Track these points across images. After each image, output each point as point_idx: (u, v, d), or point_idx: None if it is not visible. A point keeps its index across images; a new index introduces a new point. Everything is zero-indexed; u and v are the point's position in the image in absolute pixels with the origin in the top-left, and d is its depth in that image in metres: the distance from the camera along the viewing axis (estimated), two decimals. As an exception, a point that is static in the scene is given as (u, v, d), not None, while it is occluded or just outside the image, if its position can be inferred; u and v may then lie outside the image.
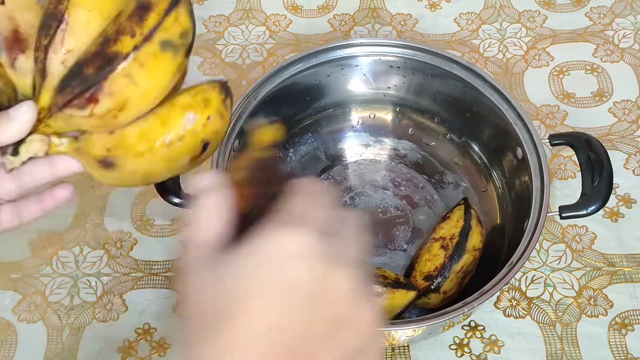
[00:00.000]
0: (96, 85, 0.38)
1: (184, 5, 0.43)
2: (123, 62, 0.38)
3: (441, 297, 0.63)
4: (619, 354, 0.65)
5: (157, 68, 0.40)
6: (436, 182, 0.74)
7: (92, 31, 0.40)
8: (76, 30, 0.40)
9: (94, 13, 0.40)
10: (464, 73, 0.68)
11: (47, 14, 0.40)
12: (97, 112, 0.39)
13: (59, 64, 0.40)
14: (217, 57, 0.87)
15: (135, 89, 0.39)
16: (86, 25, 0.40)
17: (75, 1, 0.40)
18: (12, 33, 0.41)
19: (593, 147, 0.62)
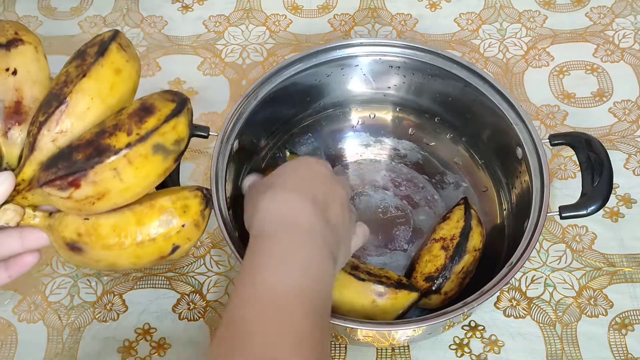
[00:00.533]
0: (81, 172, 0.39)
1: (185, 114, 0.43)
2: (113, 156, 0.39)
3: (442, 298, 0.63)
4: (619, 354, 0.65)
5: (144, 168, 0.41)
6: (436, 182, 0.74)
7: (90, 118, 0.41)
8: (74, 114, 0.41)
9: (96, 102, 0.41)
10: (464, 73, 0.68)
11: (52, 93, 0.41)
12: (76, 196, 0.40)
13: (50, 141, 0.41)
14: (217, 57, 0.87)
15: (118, 183, 0.40)
16: (85, 111, 0.41)
17: (80, 87, 0.41)
18: (15, 104, 0.42)
19: (593, 147, 0.62)
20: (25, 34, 0.44)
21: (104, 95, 0.42)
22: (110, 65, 0.42)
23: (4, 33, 0.43)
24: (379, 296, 0.59)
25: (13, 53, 0.42)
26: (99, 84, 0.41)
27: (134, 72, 0.44)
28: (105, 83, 0.42)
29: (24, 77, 0.42)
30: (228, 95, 0.84)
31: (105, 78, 0.42)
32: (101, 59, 0.42)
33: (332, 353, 0.65)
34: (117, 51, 0.43)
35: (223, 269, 0.71)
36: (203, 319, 0.68)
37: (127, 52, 0.43)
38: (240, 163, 0.69)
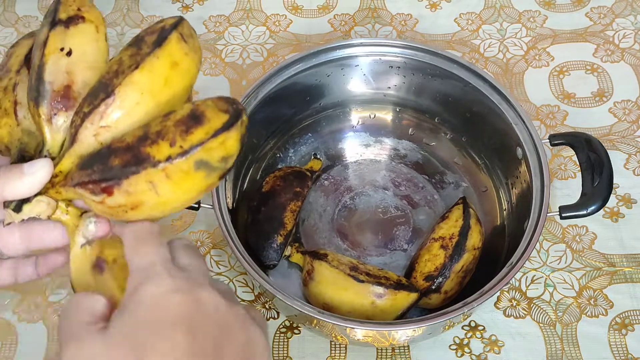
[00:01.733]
0: (115, 180, 0.36)
1: (236, 129, 0.38)
2: (151, 168, 0.36)
3: (442, 297, 0.63)
4: (619, 354, 0.65)
5: (184, 184, 0.37)
6: (436, 182, 0.74)
7: (138, 115, 0.38)
8: (121, 109, 0.38)
9: (146, 97, 0.38)
10: (464, 73, 0.69)
11: (101, 82, 0.39)
12: (109, 203, 0.37)
13: (91, 135, 0.38)
14: (217, 57, 0.87)
15: (153, 197, 0.37)
16: (134, 107, 0.38)
17: (131, 80, 0.38)
18: (65, 88, 0.39)
19: (593, 147, 0.62)
20: (89, 11, 0.41)
21: (156, 90, 0.38)
22: (167, 58, 0.38)
23: (66, 8, 0.40)
24: (378, 297, 0.59)
25: (72, 31, 0.39)
26: (152, 77, 0.38)
27: (193, 66, 0.40)
28: (159, 77, 0.38)
29: (78, 59, 0.39)
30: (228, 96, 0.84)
31: (160, 72, 0.38)
32: (158, 50, 0.38)
33: (332, 353, 0.65)
34: (176, 42, 0.39)
35: (223, 269, 0.71)
36: (203, 319, 0.68)
37: (189, 43, 0.39)
38: (240, 163, 0.70)
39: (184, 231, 0.74)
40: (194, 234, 0.73)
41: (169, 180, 0.36)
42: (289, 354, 0.66)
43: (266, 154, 0.75)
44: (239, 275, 0.71)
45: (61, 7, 0.40)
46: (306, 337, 0.66)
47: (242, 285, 0.70)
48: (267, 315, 0.68)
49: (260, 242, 0.65)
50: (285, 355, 0.66)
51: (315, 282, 0.62)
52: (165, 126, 0.37)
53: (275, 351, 0.66)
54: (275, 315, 0.68)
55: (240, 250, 0.58)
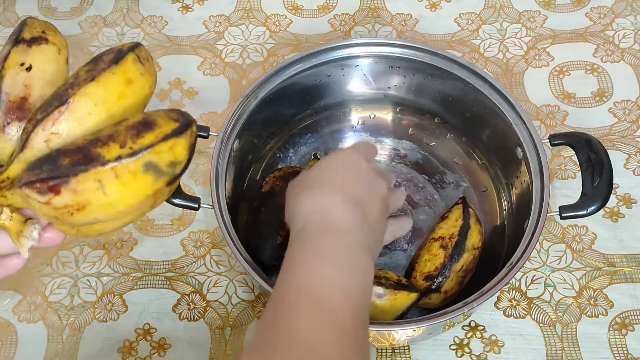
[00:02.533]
0: (63, 178, 0.37)
1: (185, 137, 0.40)
2: (99, 166, 0.37)
3: (442, 297, 0.63)
4: (619, 354, 0.65)
5: (131, 186, 0.38)
6: (436, 182, 0.74)
7: (89, 125, 0.39)
8: (73, 117, 0.39)
9: (99, 108, 0.39)
10: (464, 73, 0.68)
11: (56, 93, 0.40)
12: (55, 203, 0.37)
13: (42, 141, 0.39)
14: (217, 57, 0.87)
15: (100, 197, 0.38)
16: (86, 116, 0.39)
17: (85, 90, 0.39)
18: (20, 100, 0.40)
19: (593, 147, 0.62)
20: (52, 35, 0.43)
21: (109, 103, 0.40)
22: (122, 75, 0.40)
23: (31, 29, 0.42)
24: (378, 297, 0.59)
25: (34, 50, 0.41)
26: (106, 91, 0.39)
27: (146, 86, 0.42)
28: (113, 91, 0.40)
29: (37, 74, 0.41)
30: (228, 95, 0.84)
31: (114, 86, 0.40)
32: (114, 67, 0.40)
33: (332, 353, 0.65)
34: (132, 62, 0.41)
35: (223, 269, 0.71)
36: (203, 319, 0.68)
37: (144, 65, 0.42)
38: (240, 163, 0.70)
39: (184, 231, 0.74)
40: (194, 234, 0.73)
41: (117, 180, 0.37)
42: (289, 354, 0.66)
43: (266, 154, 0.75)
44: (239, 275, 0.71)
45: (26, 28, 0.42)
46: (306, 337, 0.66)
47: (242, 285, 0.70)
48: (267, 315, 0.68)
49: (260, 242, 0.65)
50: (285, 355, 0.66)
51: (315, 282, 0.62)
52: (116, 130, 0.38)
53: (275, 351, 0.66)
54: (275, 315, 0.68)
55: (240, 250, 0.58)
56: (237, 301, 0.69)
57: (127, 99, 0.41)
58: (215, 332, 0.67)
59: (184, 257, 0.72)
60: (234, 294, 0.69)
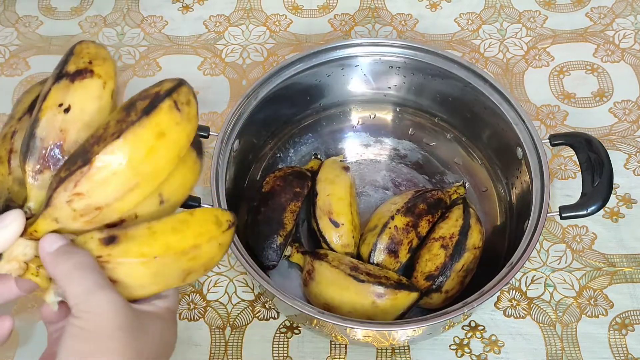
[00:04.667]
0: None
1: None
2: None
3: (443, 297, 0.63)
4: (619, 354, 0.65)
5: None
6: (436, 182, 0.74)
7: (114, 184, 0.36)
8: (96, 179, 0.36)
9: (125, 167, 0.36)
10: (464, 73, 0.68)
11: (83, 146, 0.37)
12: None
13: (64, 202, 0.36)
14: (218, 57, 0.87)
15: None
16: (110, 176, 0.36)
17: (110, 149, 0.35)
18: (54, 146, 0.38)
19: (593, 147, 0.62)
20: (101, 65, 0.39)
21: (136, 161, 0.35)
22: (153, 128, 0.35)
23: (76, 60, 0.38)
24: (378, 297, 0.59)
25: (76, 86, 0.37)
26: (133, 148, 0.35)
27: (183, 136, 0.37)
28: (141, 148, 0.35)
29: (75, 117, 0.37)
30: (228, 95, 0.84)
31: (143, 142, 0.35)
32: (144, 119, 0.35)
33: (332, 353, 0.65)
34: (167, 110, 0.36)
35: (223, 269, 0.71)
36: (203, 319, 0.68)
37: (182, 111, 0.37)
38: (240, 163, 0.70)
39: (184, 231, 0.73)
40: (194, 234, 0.73)
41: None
42: (289, 354, 0.66)
43: (266, 154, 0.75)
44: (239, 275, 0.71)
45: (72, 58, 0.38)
46: (306, 337, 0.66)
47: (242, 285, 0.70)
48: (267, 315, 0.68)
49: (260, 242, 0.65)
50: (285, 355, 0.66)
51: (316, 282, 0.62)
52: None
53: (276, 351, 0.66)
54: (275, 315, 0.68)
55: (241, 250, 0.58)
56: (237, 301, 0.69)
57: (158, 154, 0.36)
58: (215, 332, 0.67)
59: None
60: (234, 294, 0.69)
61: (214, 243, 0.39)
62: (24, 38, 0.90)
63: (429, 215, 0.67)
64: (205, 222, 0.39)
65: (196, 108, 0.39)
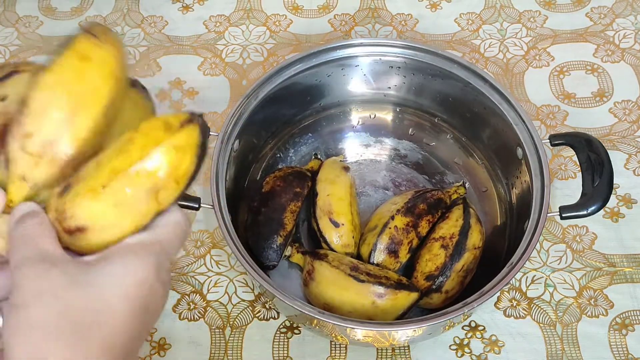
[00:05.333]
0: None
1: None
2: None
3: (443, 297, 0.63)
4: (619, 354, 0.65)
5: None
6: (436, 182, 0.74)
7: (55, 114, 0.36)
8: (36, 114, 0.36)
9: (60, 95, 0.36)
10: (464, 73, 0.68)
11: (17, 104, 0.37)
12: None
13: (19, 149, 0.36)
14: (218, 57, 0.87)
15: None
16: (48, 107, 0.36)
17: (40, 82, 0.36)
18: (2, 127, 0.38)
19: (593, 147, 0.62)
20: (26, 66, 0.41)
21: (66, 83, 0.36)
22: (74, 55, 0.37)
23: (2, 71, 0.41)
24: (378, 297, 0.59)
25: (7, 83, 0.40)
26: (61, 75, 0.36)
27: (109, 57, 0.37)
28: (68, 73, 0.36)
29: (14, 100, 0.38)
30: (228, 95, 0.84)
31: (68, 67, 0.36)
32: (64, 50, 0.37)
33: (332, 353, 0.65)
34: (84, 39, 0.37)
35: (223, 269, 0.71)
36: (203, 319, 0.68)
37: (99, 37, 0.38)
38: (240, 163, 0.70)
39: (184, 231, 0.74)
40: (194, 234, 0.73)
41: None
42: (289, 354, 0.66)
43: (266, 154, 0.75)
44: (239, 275, 0.71)
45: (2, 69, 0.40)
46: (306, 337, 0.66)
47: (242, 285, 0.70)
48: (267, 316, 0.68)
49: (260, 243, 0.65)
50: (285, 355, 0.66)
51: (316, 282, 0.62)
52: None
53: (276, 351, 0.66)
54: (275, 315, 0.68)
55: (241, 250, 0.58)
56: (237, 301, 0.69)
57: (87, 73, 0.37)
58: (215, 332, 0.67)
59: (184, 257, 0.72)
60: (234, 294, 0.69)
61: (168, 149, 0.36)
62: (24, 38, 0.90)
63: (429, 216, 0.67)
64: (150, 130, 0.36)
65: (116, 36, 0.39)
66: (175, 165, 0.36)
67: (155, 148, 0.35)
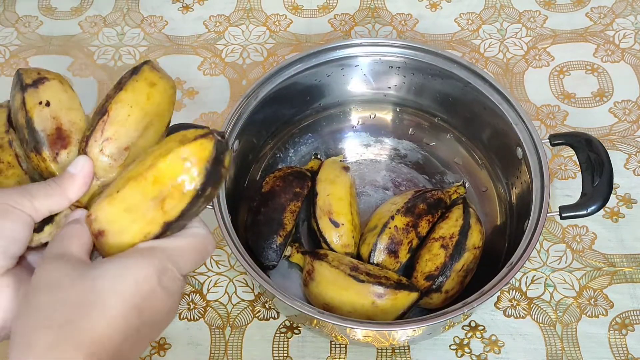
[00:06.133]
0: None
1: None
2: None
3: (443, 297, 0.63)
4: (619, 354, 0.65)
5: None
6: (436, 182, 0.74)
7: (131, 124, 0.43)
8: (116, 122, 0.43)
9: (135, 109, 0.43)
10: (464, 73, 0.68)
11: (95, 112, 0.44)
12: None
13: (98, 151, 0.43)
14: (218, 57, 0.87)
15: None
16: (126, 118, 0.43)
17: (119, 98, 0.43)
18: (56, 131, 0.44)
19: (593, 147, 0.62)
20: (48, 72, 0.46)
21: (141, 103, 0.44)
22: (144, 80, 0.44)
23: (28, 76, 0.46)
24: (378, 297, 0.59)
25: (41, 89, 0.45)
26: (135, 94, 0.44)
27: (168, 87, 0.45)
28: (141, 94, 0.44)
29: (57, 105, 0.45)
30: (228, 95, 0.84)
31: (141, 89, 0.44)
32: (135, 76, 0.44)
33: (332, 353, 0.65)
34: (149, 70, 0.45)
35: (223, 269, 0.71)
36: (203, 319, 0.68)
37: (160, 72, 0.46)
38: (240, 163, 0.70)
39: (184, 231, 0.74)
40: (194, 234, 0.73)
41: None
42: (289, 354, 0.66)
43: (266, 154, 0.75)
44: (239, 275, 0.71)
45: (24, 76, 0.45)
46: (306, 337, 0.66)
47: (242, 285, 0.70)
48: (267, 315, 0.68)
49: (259, 243, 0.65)
50: (286, 355, 0.66)
51: (316, 282, 0.62)
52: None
53: (276, 351, 0.66)
54: (275, 315, 0.68)
55: (240, 250, 0.58)
56: (237, 301, 0.69)
57: (155, 97, 0.44)
58: (215, 332, 0.67)
59: (184, 257, 0.72)
60: (234, 294, 0.69)
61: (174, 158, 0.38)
62: (24, 38, 0.90)
63: (429, 215, 0.67)
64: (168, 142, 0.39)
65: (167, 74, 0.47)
66: (180, 175, 0.37)
67: (164, 157, 0.38)
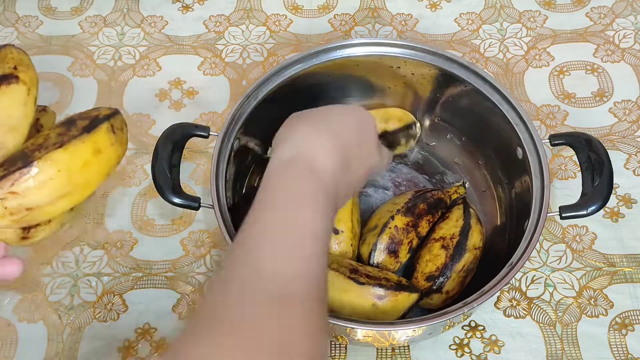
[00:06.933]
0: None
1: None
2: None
3: (443, 297, 0.63)
4: (619, 354, 0.65)
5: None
6: (436, 182, 0.74)
7: (49, 190, 0.38)
8: (34, 180, 0.38)
9: (62, 175, 0.38)
10: (464, 73, 0.68)
11: (23, 152, 0.39)
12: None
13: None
14: (218, 57, 0.87)
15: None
16: (46, 181, 0.38)
17: (51, 156, 0.38)
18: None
19: (593, 147, 0.62)
20: (25, 71, 0.41)
21: (72, 170, 0.39)
22: (92, 144, 0.39)
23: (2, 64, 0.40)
24: (379, 299, 0.59)
25: (2, 91, 0.39)
26: (72, 158, 0.39)
27: (114, 157, 0.41)
28: (78, 159, 0.39)
29: (2, 121, 0.39)
30: (228, 95, 0.84)
31: (81, 155, 0.39)
32: (85, 135, 0.39)
33: (332, 353, 0.65)
34: (105, 131, 0.40)
35: (223, 269, 0.71)
36: (203, 318, 0.68)
37: (116, 135, 0.41)
38: (240, 163, 0.69)
39: (184, 231, 0.74)
40: (194, 234, 0.73)
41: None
42: (289, 354, 0.66)
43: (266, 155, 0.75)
44: (239, 275, 0.70)
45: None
46: (306, 337, 0.66)
47: (242, 285, 0.70)
48: (267, 315, 0.68)
49: (260, 242, 0.65)
50: (286, 355, 0.65)
51: (316, 282, 0.62)
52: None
53: (276, 351, 0.66)
54: (275, 315, 0.68)
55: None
56: (237, 301, 0.69)
57: (92, 168, 0.40)
58: (215, 332, 0.67)
59: (184, 257, 0.72)
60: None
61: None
62: (24, 38, 0.90)
63: (429, 215, 0.67)
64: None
65: (127, 136, 0.42)
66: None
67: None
